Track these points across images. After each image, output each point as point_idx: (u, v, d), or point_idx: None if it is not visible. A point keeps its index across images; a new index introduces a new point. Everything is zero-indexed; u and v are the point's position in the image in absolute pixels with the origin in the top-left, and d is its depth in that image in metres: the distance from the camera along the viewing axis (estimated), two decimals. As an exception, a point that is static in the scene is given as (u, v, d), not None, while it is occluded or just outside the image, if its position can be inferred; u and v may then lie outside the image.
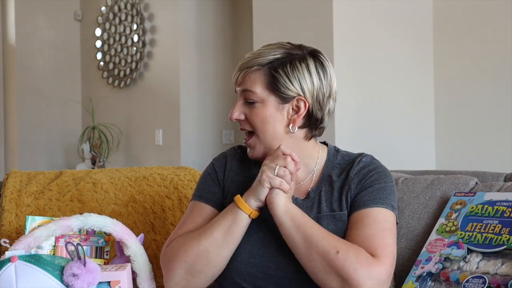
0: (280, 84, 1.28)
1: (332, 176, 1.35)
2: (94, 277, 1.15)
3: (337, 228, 1.28)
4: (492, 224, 1.49)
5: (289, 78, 1.28)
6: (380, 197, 1.29)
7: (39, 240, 1.24)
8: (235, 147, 1.46)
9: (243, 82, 1.30)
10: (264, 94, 1.28)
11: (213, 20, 4.36)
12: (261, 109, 1.29)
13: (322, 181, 1.35)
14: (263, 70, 1.28)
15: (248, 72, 1.29)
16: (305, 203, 1.33)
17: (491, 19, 3.05)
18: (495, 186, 1.67)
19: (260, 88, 1.28)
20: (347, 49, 2.94)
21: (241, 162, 1.41)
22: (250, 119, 1.30)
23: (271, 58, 1.29)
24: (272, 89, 1.28)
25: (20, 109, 4.92)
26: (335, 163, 1.37)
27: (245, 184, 1.32)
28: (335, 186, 1.33)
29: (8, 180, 1.74)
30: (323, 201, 1.32)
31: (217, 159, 1.44)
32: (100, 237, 1.32)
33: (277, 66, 1.28)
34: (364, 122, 3.01)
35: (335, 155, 1.39)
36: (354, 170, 1.33)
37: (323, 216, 1.30)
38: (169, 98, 4.25)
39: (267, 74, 1.28)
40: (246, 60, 1.30)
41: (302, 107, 1.30)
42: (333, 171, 1.35)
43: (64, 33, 5.12)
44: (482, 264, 1.43)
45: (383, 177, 1.33)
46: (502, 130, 2.99)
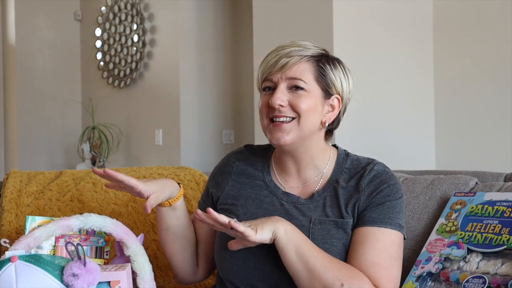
0: (328, 78, 1.31)
1: (340, 181, 1.33)
2: (94, 277, 1.15)
3: (339, 235, 1.28)
4: (492, 224, 1.49)
5: (334, 74, 1.32)
6: (390, 217, 1.28)
7: (39, 240, 1.23)
8: (242, 147, 1.47)
9: (289, 70, 1.28)
10: (313, 85, 1.29)
11: (213, 20, 4.36)
12: (308, 98, 1.29)
13: (329, 184, 1.34)
14: (312, 62, 1.30)
15: (297, 60, 1.28)
16: (307, 204, 1.32)
17: (491, 19, 3.05)
18: (495, 186, 1.67)
19: (310, 79, 1.29)
20: (347, 49, 2.94)
21: (245, 162, 1.42)
22: (296, 105, 1.27)
23: (317, 52, 1.31)
24: (320, 82, 1.30)
25: (20, 109, 4.92)
26: (343, 168, 1.36)
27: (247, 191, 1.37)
28: (342, 193, 1.32)
29: (8, 180, 1.74)
30: (328, 205, 1.31)
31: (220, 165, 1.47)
32: (100, 237, 1.32)
33: (324, 61, 1.31)
34: (364, 122, 3.01)
35: (345, 159, 1.38)
36: (365, 179, 1.31)
37: (326, 221, 1.29)
38: (169, 98, 4.25)
39: (316, 67, 1.30)
40: (290, 49, 1.29)
41: (336, 107, 1.34)
42: (341, 176, 1.34)
43: (64, 33, 5.13)
44: (482, 264, 1.43)
45: (395, 192, 1.31)
46: (502, 130, 2.99)
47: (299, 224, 1.29)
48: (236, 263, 1.30)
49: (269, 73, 1.29)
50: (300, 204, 1.32)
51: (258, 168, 1.40)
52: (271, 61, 1.28)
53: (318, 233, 1.28)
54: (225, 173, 1.42)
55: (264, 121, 1.31)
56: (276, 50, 1.30)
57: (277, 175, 1.38)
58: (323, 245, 1.26)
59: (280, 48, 1.30)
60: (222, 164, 1.45)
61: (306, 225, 1.29)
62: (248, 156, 1.43)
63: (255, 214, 1.33)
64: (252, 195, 1.37)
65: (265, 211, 1.33)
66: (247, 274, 1.30)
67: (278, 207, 1.33)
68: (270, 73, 1.29)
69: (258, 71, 1.33)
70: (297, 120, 1.28)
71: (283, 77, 1.28)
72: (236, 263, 1.30)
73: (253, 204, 1.35)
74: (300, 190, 1.35)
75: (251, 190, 1.37)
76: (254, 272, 1.29)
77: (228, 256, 1.31)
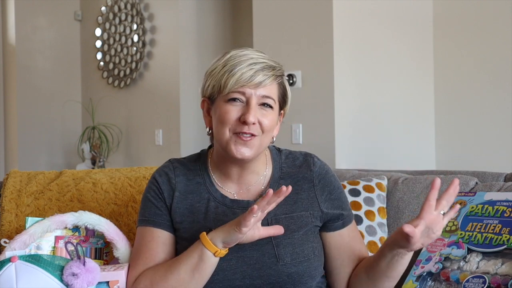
0: (286, 97, 1.35)
1: (283, 177, 1.37)
2: (93, 277, 1.15)
3: (296, 227, 1.32)
4: (492, 224, 1.49)
5: (288, 93, 1.36)
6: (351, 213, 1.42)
7: (34, 236, 1.24)
8: (171, 162, 1.41)
9: (265, 88, 1.28)
10: (277, 103, 1.32)
11: (213, 20, 4.36)
12: (272, 116, 1.31)
13: (274, 182, 1.36)
14: (278, 81, 1.32)
15: (272, 80, 1.29)
16: None
17: (491, 19, 3.05)
18: (495, 186, 1.67)
19: (276, 97, 1.32)
20: (347, 49, 2.94)
21: (185, 178, 1.37)
22: (263, 123, 1.28)
23: (281, 71, 1.33)
24: (280, 100, 1.33)
25: (20, 109, 4.92)
26: (281, 163, 1.39)
27: (194, 206, 1.33)
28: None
29: (8, 180, 1.74)
30: (280, 203, 1.27)
31: (158, 179, 1.37)
32: (99, 238, 1.32)
33: (284, 81, 1.34)
34: (364, 122, 3.01)
35: (279, 155, 1.41)
36: (313, 173, 1.37)
37: (282, 218, 1.32)
38: (169, 98, 4.25)
39: (280, 85, 1.33)
40: (262, 65, 1.28)
41: (279, 121, 1.37)
42: (281, 172, 1.38)
43: (64, 33, 5.12)
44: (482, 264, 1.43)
45: (338, 182, 1.42)
46: (502, 130, 2.99)
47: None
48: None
49: (242, 86, 1.27)
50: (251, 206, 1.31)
51: (199, 181, 1.36)
52: (245, 75, 1.26)
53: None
54: (169, 190, 1.35)
55: (226, 132, 1.28)
56: (245, 62, 1.28)
57: (216, 181, 1.36)
58: (285, 240, 1.30)
59: (249, 60, 1.28)
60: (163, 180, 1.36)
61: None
62: (184, 172, 1.38)
63: (209, 227, 1.29)
64: (202, 209, 1.34)
65: (220, 222, 1.29)
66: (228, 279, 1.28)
67: (231, 216, 1.31)
68: (243, 86, 1.27)
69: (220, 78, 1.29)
70: (260, 137, 1.29)
71: (256, 93, 1.27)
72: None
73: (206, 218, 1.32)
74: (245, 194, 1.36)
75: (199, 204, 1.34)
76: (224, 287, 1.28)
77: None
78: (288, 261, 1.29)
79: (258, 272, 1.28)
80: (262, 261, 1.28)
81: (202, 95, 1.36)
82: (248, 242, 1.24)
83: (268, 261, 1.28)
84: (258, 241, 1.27)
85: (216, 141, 1.33)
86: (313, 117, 2.94)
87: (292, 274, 1.28)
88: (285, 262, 1.28)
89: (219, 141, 1.30)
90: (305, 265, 1.30)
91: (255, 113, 1.26)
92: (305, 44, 3.00)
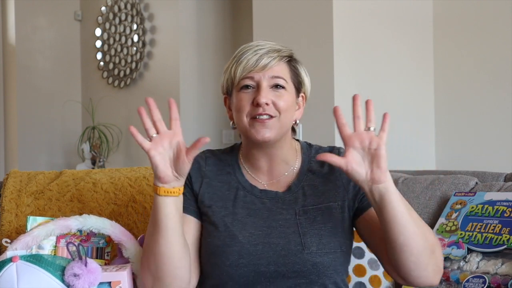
0: (300, 77, 1.38)
1: (312, 170, 1.38)
2: (95, 277, 1.15)
3: (324, 220, 1.32)
4: (492, 224, 1.49)
5: (303, 75, 1.39)
6: None
7: (38, 239, 1.24)
8: (204, 152, 1.44)
9: (271, 69, 1.32)
10: (290, 84, 1.35)
11: (213, 20, 4.36)
12: (287, 96, 1.34)
13: (302, 175, 1.38)
14: (287, 62, 1.36)
15: (278, 60, 1.33)
16: (286, 197, 1.35)
17: (491, 19, 3.05)
18: (495, 186, 1.67)
19: (288, 78, 1.34)
20: (347, 49, 2.94)
21: (215, 168, 1.41)
22: (278, 104, 1.31)
23: (289, 52, 1.37)
24: (294, 81, 1.36)
25: (20, 109, 4.91)
26: (311, 157, 1.40)
27: (223, 193, 1.37)
28: (318, 180, 1.37)
29: (8, 180, 1.74)
30: (308, 194, 1.35)
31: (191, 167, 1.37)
32: (100, 238, 1.32)
33: (295, 61, 1.38)
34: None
35: (309, 149, 1.43)
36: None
37: (310, 210, 1.32)
38: (169, 98, 4.24)
39: (290, 66, 1.36)
40: (267, 49, 1.33)
41: (301, 105, 1.41)
42: (311, 165, 1.39)
43: (64, 33, 5.12)
44: (482, 264, 1.43)
45: None
46: (502, 130, 2.99)
47: (284, 218, 1.32)
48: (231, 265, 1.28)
49: (250, 71, 1.31)
50: (280, 198, 1.35)
51: (230, 171, 1.40)
52: (251, 60, 1.31)
53: (306, 222, 1.31)
54: (199, 177, 1.39)
55: (244, 119, 1.32)
56: (251, 49, 1.33)
57: (248, 172, 1.40)
58: (312, 230, 1.30)
59: (255, 47, 1.33)
60: (194, 169, 1.38)
61: (292, 218, 1.32)
62: (215, 162, 1.42)
63: (238, 214, 1.34)
64: (231, 196, 1.37)
65: (247, 210, 1.34)
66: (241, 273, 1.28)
67: (259, 205, 1.35)
68: (251, 72, 1.31)
69: (230, 70, 1.35)
70: (278, 118, 1.31)
71: (266, 76, 1.32)
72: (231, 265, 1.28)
73: (235, 205, 1.35)
74: (275, 185, 1.38)
75: (227, 192, 1.38)
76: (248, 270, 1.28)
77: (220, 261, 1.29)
78: (314, 250, 1.28)
79: (283, 259, 1.28)
80: (288, 248, 1.28)
81: (222, 92, 1.41)
82: (183, 170, 1.22)
83: (294, 249, 1.28)
84: (285, 230, 1.30)
85: (240, 131, 1.37)
86: (313, 117, 2.94)
87: (317, 264, 1.28)
88: (311, 251, 1.28)
89: (241, 129, 1.34)
90: (331, 257, 1.29)
91: (266, 94, 1.30)
92: (305, 44, 3.00)
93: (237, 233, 1.31)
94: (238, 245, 1.29)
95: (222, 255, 1.30)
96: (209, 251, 1.32)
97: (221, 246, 1.31)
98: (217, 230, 1.32)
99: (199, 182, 1.38)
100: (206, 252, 1.34)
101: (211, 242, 1.32)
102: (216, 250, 1.31)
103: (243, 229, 1.31)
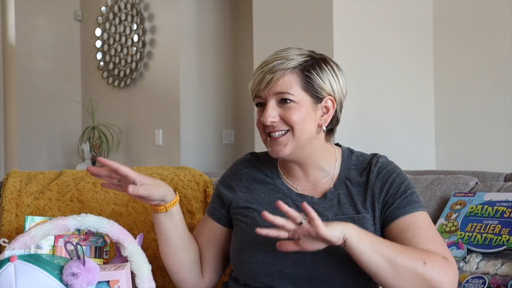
0: (316, 84, 1.32)
1: (350, 178, 1.36)
2: (93, 277, 1.15)
3: None
4: (492, 225, 1.49)
5: (321, 78, 1.32)
6: (414, 201, 1.31)
7: (35, 238, 1.23)
8: (248, 155, 1.48)
9: (275, 85, 1.30)
10: (301, 95, 1.31)
11: (213, 20, 4.36)
12: (298, 109, 1.30)
13: (340, 182, 1.36)
14: (297, 72, 1.31)
15: (281, 75, 1.30)
16: (321, 203, 1.34)
17: (491, 19, 3.05)
18: (495, 186, 1.67)
19: (297, 90, 1.30)
20: (347, 49, 2.94)
21: (254, 169, 1.43)
22: (288, 118, 1.29)
23: (301, 60, 1.32)
24: (308, 90, 1.31)
25: (20, 109, 4.92)
26: (350, 165, 1.38)
27: (259, 196, 1.38)
28: (354, 189, 1.35)
29: (8, 180, 1.74)
30: (342, 203, 1.33)
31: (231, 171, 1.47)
32: (99, 237, 1.32)
33: (309, 67, 1.32)
34: (364, 122, 3.01)
35: (350, 156, 1.40)
36: (373, 172, 1.34)
37: (343, 219, 1.30)
38: (169, 98, 4.25)
39: (301, 76, 1.31)
40: (273, 64, 1.31)
41: (331, 108, 1.35)
42: (349, 173, 1.37)
43: (64, 33, 5.12)
44: (482, 265, 1.43)
45: (405, 178, 1.35)
46: (502, 130, 2.99)
47: None
48: (257, 262, 1.31)
49: (258, 90, 1.32)
50: (315, 204, 1.33)
51: (268, 174, 1.41)
52: (257, 79, 1.32)
53: None
54: (236, 180, 1.43)
55: (262, 135, 1.35)
56: (260, 67, 1.33)
57: (286, 179, 1.40)
58: None
59: (264, 64, 1.33)
60: (231, 171, 1.46)
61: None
62: (255, 163, 1.44)
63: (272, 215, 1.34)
64: (266, 198, 1.38)
65: (280, 213, 1.29)
66: (267, 272, 1.30)
67: (294, 208, 1.29)
68: (259, 91, 1.32)
69: (249, 86, 1.36)
70: (292, 132, 1.30)
71: (270, 93, 1.30)
72: (257, 262, 1.31)
73: (269, 207, 1.33)
74: (311, 191, 1.37)
75: (264, 194, 1.39)
76: (274, 269, 1.30)
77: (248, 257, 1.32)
78: (343, 259, 1.26)
79: (309, 264, 1.28)
80: (314, 253, 1.25)
81: None
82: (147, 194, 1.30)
83: (320, 254, 1.25)
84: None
85: None
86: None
87: (343, 272, 1.28)
88: (339, 258, 1.27)
89: (264, 145, 1.37)
90: (358, 266, 1.25)
91: (271, 111, 1.30)
92: (305, 44, 2.97)
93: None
94: (266, 244, 1.28)
95: (249, 252, 1.32)
96: (238, 248, 1.35)
97: (250, 243, 1.32)
98: (248, 228, 1.34)
99: (237, 187, 1.42)
100: (235, 249, 1.37)
101: (241, 239, 1.35)
102: (244, 247, 1.33)
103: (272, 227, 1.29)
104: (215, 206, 1.45)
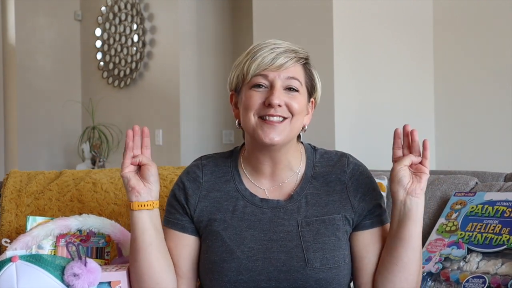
0: (314, 82, 1.32)
1: (316, 177, 1.32)
2: (95, 277, 1.15)
3: (329, 232, 1.27)
4: (492, 224, 1.49)
5: (317, 79, 1.33)
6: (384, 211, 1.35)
7: (37, 238, 1.24)
8: (201, 159, 1.38)
9: (287, 70, 1.26)
10: (303, 87, 1.29)
11: (213, 20, 4.36)
12: (300, 99, 1.28)
13: (305, 182, 1.32)
14: (303, 65, 1.30)
15: (294, 62, 1.27)
16: (288, 206, 1.30)
17: (492, 19, 3.05)
18: (495, 186, 1.67)
19: (302, 81, 1.29)
20: (347, 49, 2.94)
21: (213, 176, 1.35)
22: (291, 106, 1.25)
23: (306, 55, 1.31)
24: (307, 86, 1.30)
25: (20, 109, 4.91)
26: (315, 162, 1.35)
27: (222, 204, 1.31)
28: (323, 189, 1.31)
29: (8, 180, 1.74)
30: (310, 204, 1.29)
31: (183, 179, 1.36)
32: (100, 238, 1.32)
33: (310, 65, 1.32)
34: (364, 121, 3.01)
35: (314, 154, 1.37)
36: (346, 174, 1.32)
37: (313, 221, 1.27)
38: (169, 98, 4.25)
39: (305, 69, 1.30)
40: (284, 48, 1.27)
41: (311, 110, 1.35)
42: (315, 172, 1.33)
43: (64, 33, 5.12)
44: (482, 264, 1.43)
45: (374, 181, 1.36)
46: (502, 130, 2.99)
47: (286, 230, 1.27)
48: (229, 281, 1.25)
49: (264, 69, 1.25)
50: (281, 207, 1.29)
51: (228, 179, 1.33)
52: (266, 58, 1.25)
53: (309, 234, 1.26)
54: (194, 189, 1.33)
55: (252, 118, 1.25)
56: (267, 47, 1.27)
57: (249, 177, 1.33)
58: (316, 244, 1.25)
59: (272, 45, 1.28)
60: (188, 179, 1.35)
61: (294, 230, 1.27)
62: (213, 170, 1.35)
63: (237, 227, 1.28)
64: (230, 207, 1.31)
65: (247, 222, 1.28)
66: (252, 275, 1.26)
67: (260, 216, 1.29)
68: (265, 70, 1.25)
69: (243, 66, 1.28)
70: (290, 120, 1.26)
71: (281, 76, 1.25)
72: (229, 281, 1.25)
73: (233, 217, 1.29)
74: (276, 192, 1.32)
75: (226, 203, 1.31)
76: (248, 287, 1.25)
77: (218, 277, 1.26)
78: (317, 266, 1.24)
79: (284, 275, 1.24)
80: (290, 264, 1.24)
81: (229, 88, 1.34)
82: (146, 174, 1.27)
83: (296, 265, 1.24)
84: (287, 244, 1.25)
85: (245, 131, 1.30)
86: (313, 117, 2.94)
87: (321, 280, 1.24)
88: (314, 267, 1.24)
89: (247, 129, 1.27)
90: (334, 272, 1.25)
91: (280, 94, 1.24)
92: (305, 44, 2.96)
93: (235, 249, 1.26)
94: (236, 261, 1.25)
95: (220, 271, 1.25)
96: (207, 267, 1.28)
97: (218, 262, 1.26)
98: (215, 245, 1.27)
99: (196, 196, 1.32)
100: (204, 268, 1.29)
101: (208, 258, 1.28)
102: (214, 267, 1.26)
103: (241, 244, 1.26)
104: (176, 217, 1.33)
